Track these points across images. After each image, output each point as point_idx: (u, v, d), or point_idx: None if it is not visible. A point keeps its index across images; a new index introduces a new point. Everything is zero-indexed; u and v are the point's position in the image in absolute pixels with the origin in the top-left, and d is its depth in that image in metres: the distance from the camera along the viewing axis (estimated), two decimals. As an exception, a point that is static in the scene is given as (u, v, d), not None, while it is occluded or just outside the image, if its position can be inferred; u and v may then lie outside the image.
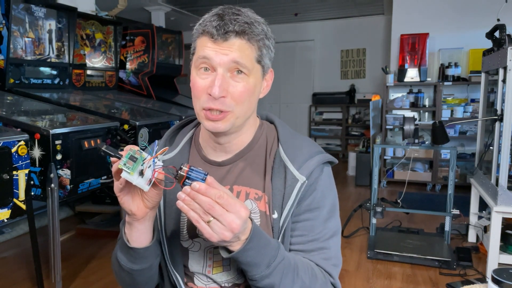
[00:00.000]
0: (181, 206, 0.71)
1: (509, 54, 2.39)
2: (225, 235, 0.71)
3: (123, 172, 0.71)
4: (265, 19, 0.89)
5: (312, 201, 0.89)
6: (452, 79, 4.75)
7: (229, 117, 0.84)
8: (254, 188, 0.91)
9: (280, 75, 7.47)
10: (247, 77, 0.83)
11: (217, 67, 0.81)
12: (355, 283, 2.55)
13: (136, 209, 0.79)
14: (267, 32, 0.86)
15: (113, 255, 0.94)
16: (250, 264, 0.77)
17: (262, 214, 0.89)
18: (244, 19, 0.82)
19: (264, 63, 0.87)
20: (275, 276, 0.79)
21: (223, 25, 0.80)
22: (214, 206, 0.69)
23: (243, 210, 0.71)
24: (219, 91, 0.80)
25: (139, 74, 4.07)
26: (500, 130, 2.52)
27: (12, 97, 2.68)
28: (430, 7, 5.01)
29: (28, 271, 2.66)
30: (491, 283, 0.78)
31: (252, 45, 0.83)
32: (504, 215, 2.48)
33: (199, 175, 0.70)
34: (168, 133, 1.02)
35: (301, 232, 0.89)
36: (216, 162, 0.94)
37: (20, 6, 2.76)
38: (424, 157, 4.88)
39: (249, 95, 0.84)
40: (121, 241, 0.88)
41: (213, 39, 0.81)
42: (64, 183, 2.18)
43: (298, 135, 0.96)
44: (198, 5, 6.09)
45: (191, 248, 0.93)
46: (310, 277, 0.84)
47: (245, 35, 0.81)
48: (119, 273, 0.92)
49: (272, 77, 0.93)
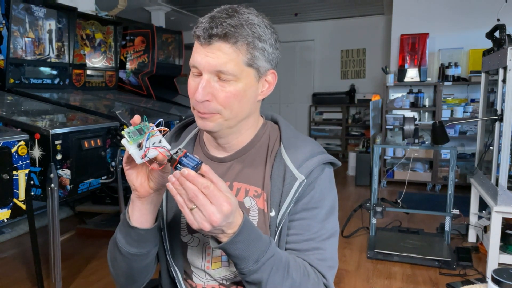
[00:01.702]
0: (170, 188, 0.72)
1: (509, 54, 2.39)
2: (204, 226, 0.72)
3: (123, 139, 0.74)
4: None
5: (310, 200, 0.89)
6: (452, 79, 4.75)
7: (216, 118, 0.85)
8: (253, 185, 0.92)
9: (280, 75, 7.35)
10: (235, 82, 0.83)
11: (202, 71, 0.83)
12: (355, 283, 2.55)
13: (138, 185, 0.80)
14: (261, 35, 0.84)
15: (111, 241, 0.94)
16: (239, 257, 0.78)
17: (260, 212, 0.90)
18: (233, 22, 0.80)
19: (259, 65, 0.86)
20: (263, 272, 0.79)
21: (209, 28, 0.80)
22: (198, 195, 0.70)
23: (225, 205, 0.71)
24: (202, 95, 0.82)
25: (139, 74, 4.07)
26: (500, 130, 2.52)
27: (12, 97, 2.68)
28: (430, 7, 5.01)
29: (28, 271, 2.66)
30: (491, 283, 0.78)
31: (237, 49, 0.81)
32: (504, 215, 2.48)
33: (192, 162, 0.72)
34: (174, 130, 1.04)
35: (297, 231, 0.89)
36: (218, 158, 0.95)
37: (20, 6, 2.76)
38: (424, 157, 4.88)
39: (237, 99, 0.84)
40: (122, 222, 0.88)
41: (200, 43, 0.83)
42: (64, 183, 2.18)
43: (302, 136, 0.96)
44: (198, 5, 6.08)
45: (190, 243, 0.94)
46: (301, 276, 0.83)
47: (230, 39, 0.80)
48: (115, 259, 0.91)
49: (275, 78, 0.93)
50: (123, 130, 0.76)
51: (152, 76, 4.09)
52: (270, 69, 0.90)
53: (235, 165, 0.94)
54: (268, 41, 0.86)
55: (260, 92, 0.91)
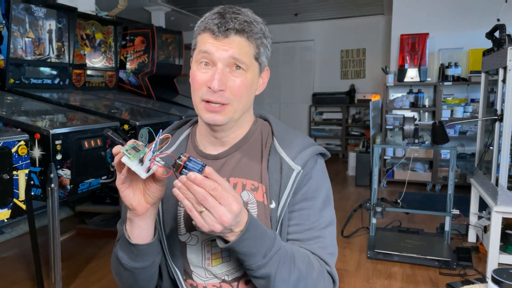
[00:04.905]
0: (177, 193, 0.72)
1: (509, 54, 2.39)
2: (216, 227, 0.72)
3: (124, 157, 0.73)
4: (265, 19, 0.92)
5: (308, 190, 0.92)
6: (452, 79, 4.75)
7: (228, 110, 0.87)
8: (250, 179, 0.93)
9: (280, 75, 7.48)
10: (245, 72, 0.87)
11: (217, 62, 0.85)
12: (355, 283, 2.55)
13: (136, 204, 0.80)
14: (265, 32, 0.89)
15: (112, 257, 0.95)
16: (247, 254, 0.79)
17: (259, 204, 0.91)
18: (244, 18, 0.85)
19: (262, 60, 0.91)
20: (271, 266, 0.81)
21: (224, 22, 0.84)
22: (207, 197, 0.70)
23: (235, 205, 0.72)
24: (218, 84, 0.84)
25: (139, 74, 4.07)
26: (500, 130, 2.52)
27: (12, 97, 2.68)
28: (430, 7, 5.01)
29: (28, 271, 2.66)
30: (491, 283, 0.78)
31: (250, 43, 0.86)
32: (504, 215, 2.48)
33: (197, 165, 0.72)
34: (165, 132, 1.03)
35: (297, 221, 0.91)
36: (212, 155, 0.96)
37: (20, 6, 2.76)
38: (424, 157, 4.88)
39: (246, 89, 0.88)
40: (122, 240, 0.89)
41: (214, 36, 0.84)
42: (64, 183, 2.18)
43: (291, 130, 0.99)
44: (198, 5, 6.09)
45: (189, 242, 0.94)
46: (306, 266, 0.86)
47: (245, 33, 0.85)
48: (120, 274, 0.92)
49: (268, 75, 0.97)
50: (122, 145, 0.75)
51: (152, 76, 4.09)
52: (266, 66, 0.94)
53: (230, 161, 0.95)
54: (268, 38, 0.91)
55: (258, 87, 0.95)
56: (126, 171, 0.76)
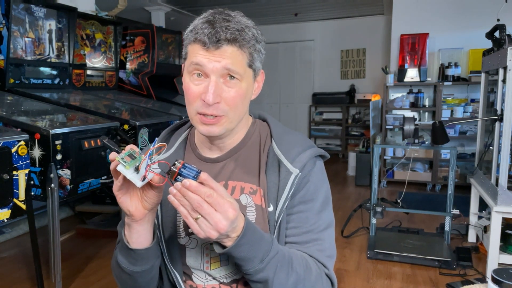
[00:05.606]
0: (172, 200, 0.72)
1: (509, 54, 2.39)
2: (211, 234, 0.72)
3: (119, 165, 0.73)
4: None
5: (306, 193, 0.91)
6: (452, 79, 4.75)
7: (223, 122, 0.86)
8: (248, 182, 0.93)
9: (280, 75, 7.48)
10: (239, 82, 0.85)
11: (210, 73, 0.83)
12: (355, 283, 2.55)
13: (134, 210, 0.80)
14: (257, 36, 0.87)
15: (113, 260, 0.95)
16: (244, 259, 0.79)
17: (258, 208, 0.91)
18: (235, 26, 0.83)
19: (255, 66, 0.89)
20: (269, 270, 0.80)
21: (215, 33, 0.81)
22: (202, 204, 0.70)
23: (230, 211, 0.72)
24: (213, 97, 0.82)
25: (139, 74, 4.07)
26: (500, 130, 2.52)
27: (12, 97, 2.68)
28: (430, 7, 5.01)
29: (28, 271, 2.66)
30: (491, 283, 0.78)
31: (243, 52, 0.84)
32: (504, 215, 2.48)
33: (191, 172, 0.71)
34: (162, 135, 1.04)
35: (295, 224, 0.91)
36: (211, 159, 0.96)
37: (20, 6, 2.76)
38: (424, 157, 4.88)
39: (241, 99, 0.86)
40: (121, 244, 0.89)
41: (205, 47, 0.82)
42: (64, 183, 2.18)
43: (290, 131, 0.98)
44: (198, 5, 6.08)
45: (188, 245, 0.94)
46: (304, 269, 0.85)
47: (237, 42, 0.83)
48: (120, 276, 0.93)
49: (263, 78, 0.96)
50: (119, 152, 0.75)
51: (152, 76, 4.09)
52: (261, 69, 0.93)
53: (229, 164, 0.95)
54: (261, 42, 0.89)
55: (253, 92, 0.93)
56: (122, 178, 0.76)
